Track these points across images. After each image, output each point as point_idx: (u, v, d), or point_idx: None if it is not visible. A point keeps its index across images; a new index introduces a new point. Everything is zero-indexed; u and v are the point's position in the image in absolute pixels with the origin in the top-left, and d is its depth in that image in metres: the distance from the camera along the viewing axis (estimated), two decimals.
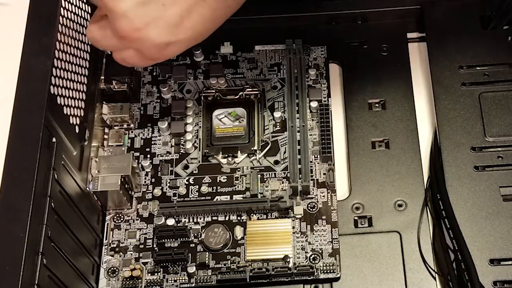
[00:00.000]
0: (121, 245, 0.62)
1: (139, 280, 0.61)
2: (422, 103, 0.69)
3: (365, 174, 0.65)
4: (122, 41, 0.51)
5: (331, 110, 0.66)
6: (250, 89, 0.68)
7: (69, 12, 0.59)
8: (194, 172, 0.65)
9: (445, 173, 0.63)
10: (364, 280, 0.60)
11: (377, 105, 0.68)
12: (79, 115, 0.60)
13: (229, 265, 0.61)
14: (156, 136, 0.67)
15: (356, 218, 0.63)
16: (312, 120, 0.66)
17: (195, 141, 0.66)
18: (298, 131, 0.65)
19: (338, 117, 0.68)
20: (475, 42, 0.69)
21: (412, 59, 0.71)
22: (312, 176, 0.64)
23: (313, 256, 0.61)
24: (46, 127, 0.52)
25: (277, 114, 0.67)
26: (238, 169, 0.65)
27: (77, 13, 0.61)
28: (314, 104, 0.67)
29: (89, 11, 0.63)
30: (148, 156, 0.66)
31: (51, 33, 0.55)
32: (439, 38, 0.69)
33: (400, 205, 0.63)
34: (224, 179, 0.64)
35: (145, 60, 0.53)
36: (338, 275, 0.60)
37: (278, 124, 0.67)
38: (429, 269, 0.61)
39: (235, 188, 0.64)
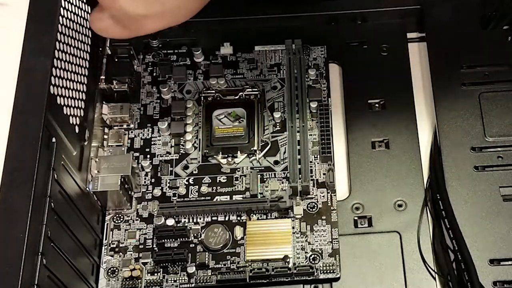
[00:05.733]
0: (120, 245, 0.62)
1: (139, 280, 0.61)
2: (422, 103, 0.69)
3: (365, 174, 0.65)
4: (101, 7, 0.53)
5: (331, 110, 0.66)
6: (250, 90, 0.68)
7: (69, 12, 0.59)
8: (194, 172, 0.65)
9: (445, 173, 0.63)
10: (364, 280, 0.60)
11: (377, 105, 0.68)
12: (79, 115, 0.60)
13: (229, 265, 0.61)
14: (156, 137, 0.67)
15: (356, 218, 0.63)
16: (312, 120, 0.66)
17: (195, 142, 0.66)
18: (298, 131, 0.65)
19: (338, 117, 0.68)
20: (475, 42, 0.69)
21: (412, 59, 0.71)
22: (312, 176, 0.64)
23: (313, 256, 0.61)
24: (46, 127, 0.52)
25: (277, 115, 0.67)
26: (238, 169, 0.65)
27: (77, 13, 0.61)
28: (313, 104, 0.67)
29: (89, 11, 0.63)
30: (148, 156, 0.66)
31: (51, 33, 0.55)
32: (439, 38, 0.69)
33: (400, 205, 0.63)
34: (224, 179, 0.64)
35: (125, 31, 0.54)
36: (338, 275, 0.60)
37: (278, 124, 0.67)
38: (429, 269, 0.60)
39: (235, 188, 0.64)
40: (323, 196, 0.63)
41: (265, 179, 0.64)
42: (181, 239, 0.62)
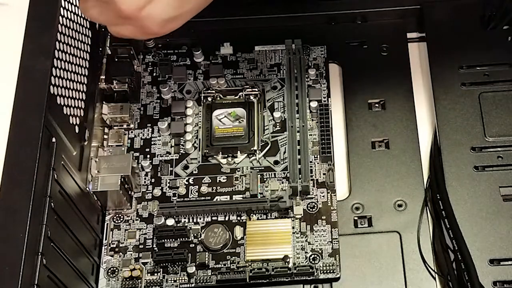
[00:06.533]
0: (120, 245, 0.62)
1: (139, 280, 0.61)
2: (422, 103, 0.69)
3: (365, 174, 0.65)
4: (124, 19, 0.50)
5: (331, 110, 0.66)
6: (250, 90, 0.68)
7: (69, 12, 0.59)
8: (194, 172, 0.65)
9: (445, 173, 0.63)
10: (364, 280, 0.60)
11: (377, 105, 0.68)
12: (79, 115, 0.60)
13: (228, 265, 0.61)
14: (156, 136, 0.67)
15: (356, 218, 0.63)
16: (312, 120, 0.66)
17: (195, 142, 0.66)
18: (298, 131, 0.65)
19: (338, 117, 0.68)
20: (475, 42, 0.69)
21: (412, 59, 0.71)
22: (312, 176, 0.64)
23: (313, 256, 0.61)
24: (46, 127, 0.52)
25: (277, 114, 0.67)
26: (238, 169, 0.65)
27: (77, 13, 0.61)
28: (314, 104, 0.67)
29: None
30: (148, 156, 0.66)
31: (51, 33, 0.55)
32: (439, 38, 0.70)
33: (400, 205, 0.63)
34: (224, 179, 0.64)
35: (145, 35, 0.52)
36: (338, 275, 0.60)
37: (278, 124, 0.67)
38: (429, 269, 0.60)
39: (235, 188, 0.64)
40: (323, 196, 0.63)
41: (265, 179, 0.64)
42: (181, 239, 0.62)
